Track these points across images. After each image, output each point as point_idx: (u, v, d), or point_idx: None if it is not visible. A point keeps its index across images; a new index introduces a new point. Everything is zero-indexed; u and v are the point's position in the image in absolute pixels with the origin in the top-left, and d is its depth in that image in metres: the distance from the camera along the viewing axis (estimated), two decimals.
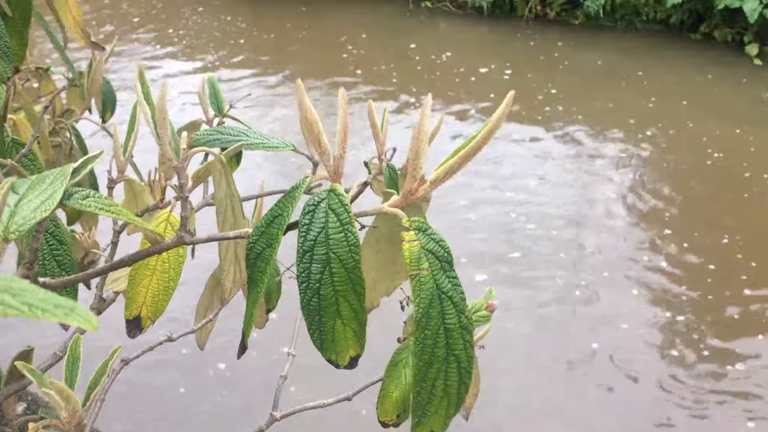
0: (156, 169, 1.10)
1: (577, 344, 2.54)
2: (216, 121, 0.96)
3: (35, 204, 0.41)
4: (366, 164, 1.02)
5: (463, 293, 0.53)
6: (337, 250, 0.50)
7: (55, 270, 0.66)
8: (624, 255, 3.04)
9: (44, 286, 0.53)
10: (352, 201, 0.53)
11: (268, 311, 0.96)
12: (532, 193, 3.51)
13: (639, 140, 4.00)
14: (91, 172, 1.10)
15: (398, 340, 0.83)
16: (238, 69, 5.12)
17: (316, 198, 0.51)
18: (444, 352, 0.52)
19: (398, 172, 0.97)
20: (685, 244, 3.08)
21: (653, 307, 2.73)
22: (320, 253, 0.50)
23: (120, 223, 0.95)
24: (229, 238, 0.53)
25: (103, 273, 0.55)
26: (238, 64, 5.22)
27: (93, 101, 1.34)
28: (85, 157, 0.49)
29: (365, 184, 0.53)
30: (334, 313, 0.51)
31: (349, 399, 0.82)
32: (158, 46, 5.59)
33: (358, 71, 5.06)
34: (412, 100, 4.60)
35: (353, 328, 0.52)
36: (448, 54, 5.28)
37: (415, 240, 0.51)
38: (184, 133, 0.51)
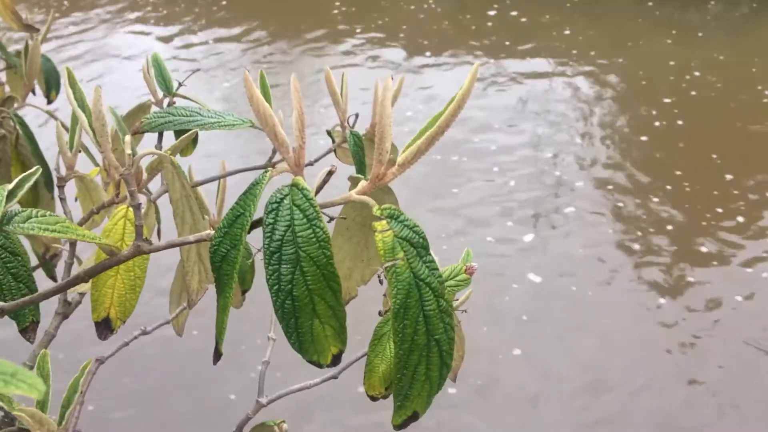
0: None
1: None
2: (166, 101, 0.91)
3: None
4: (329, 133, 0.98)
5: (440, 276, 0.51)
6: (307, 248, 0.47)
7: (12, 284, 0.62)
8: None
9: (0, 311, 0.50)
10: (317, 193, 0.50)
11: (244, 292, 0.94)
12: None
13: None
14: (48, 171, 1.04)
15: (379, 313, 0.82)
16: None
17: (278, 194, 0.48)
18: (424, 339, 0.50)
19: (363, 138, 0.94)
20: None
21: None
22: (289, 252, 0.47)
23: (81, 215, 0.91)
24: (190, 242, 0.50)
25: (60, 291, 0.52)
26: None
27: (36, 84, 1.27)
28: (21, 176, 0.45)
29: (329, 173, 0.50)
30: (310, 313, 0.48)
31: (335, 377, 0.81)
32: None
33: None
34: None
35: (332, 326, 0.49)
36: None
37: (387, 229, 0.48)
38: (128, 137, 0.47)
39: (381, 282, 0.80)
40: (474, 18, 4.88)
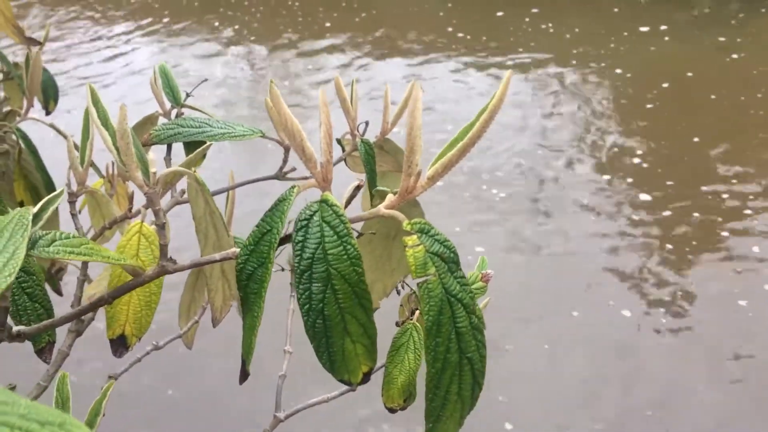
0: (113, 163, 1.03)
1: None
2: (174, 112, 0.89)
3: None
4: (339, 141, 0.97)
5: (471, 292, 0.50)
6: (338, 266, 0.46)
7: (27, 304, 0.61)
8: None
9: (18, 335, 0.48)
10: (345, 207, 0.49)
11: None
12: None
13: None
14: (51, 185, 1.02)
15: (397, 323, 0.81)
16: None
17: (307, 211, 0.46)
18: (457, 357, 0.49)
19: (373, 146, 0.93)
20: None
21: None
22: (319, 270, 0.46)
23: (86, 227, 0.89)
24: (215, 261, 0.48)
25: (83, 314, 0.50)
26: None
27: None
28: (46, 198, 0.44)
29: (357, 187, 0.49)
30: (341, 332, 0.47)
31: (353, 390, 0.80)
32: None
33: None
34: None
35: (363, 344, 0.48)
36: None
37: (418, 244, 0.47)
38: (151, 155, 0.46)
39: (399, 292, 0.79)
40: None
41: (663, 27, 4.55)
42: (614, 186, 3.07)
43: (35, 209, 0.41)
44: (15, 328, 0.46)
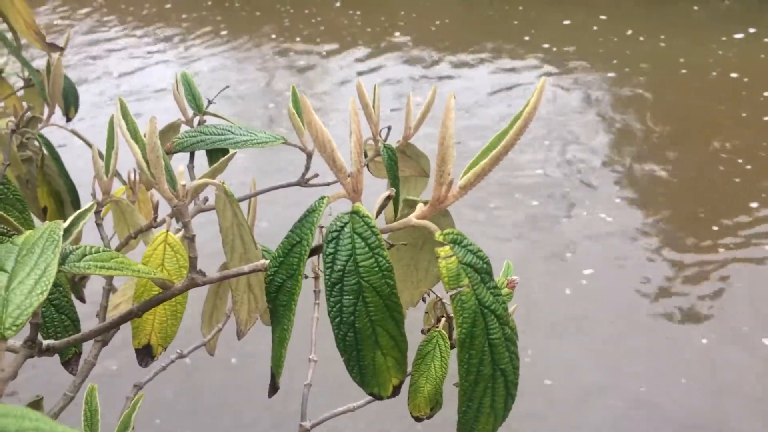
0: (135, 170, 1.03)
1: None
2: (196, 120, 0.89)
3: (29, 285, 0.36)
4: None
5: (504, 303, 0.49)
6: (369, 278, 0.45)
7: (54, 316, 0.61)
8: None
9: (48, 350, 0.48)
10: (375, 218, 0.48)
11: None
12: None
13: None
14: (74, 191, 1.03)
15: (422, 332, 0.80)
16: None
17: (338, 222, 0.46)
18: (490, 369, 0.48)
19: (396, 151, 0.92)
20: None
21: None
22: (351, 283, 0.45)
23: (109, 235, 0.89)
24: (244, 273, 0.48)
25: (112, 328, 0.50)
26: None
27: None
28: (76, 213, 0.43)
29: (388, 197, 0.48)
30: (372, 345, 0.46)
31: (380, 399, 0.79)
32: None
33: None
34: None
35: (394, 357, 0.47)
36: None
37: (451, 255, 0.46)
38: (182, 168, 0.45)
39: (424, 300, 0.78)
40: None
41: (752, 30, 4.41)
42: None
43: (66, 224, 0.41)
44: (45, 343, 0.46)
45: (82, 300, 1.19)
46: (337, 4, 5.34)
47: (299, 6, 5.51)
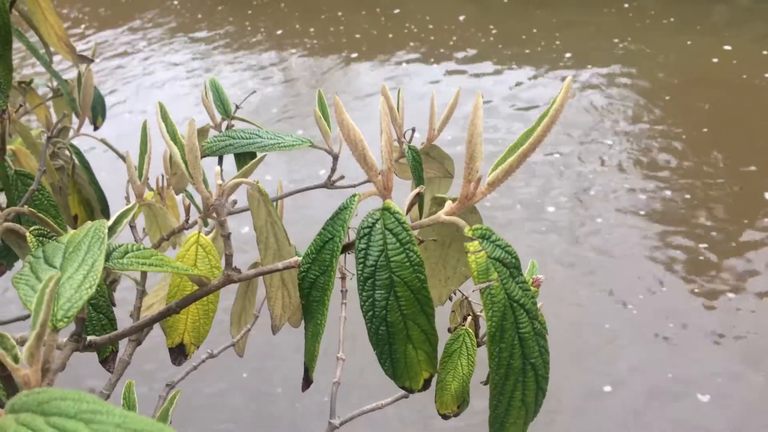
0: (163, 176, 1.05)
1: None
2: (224, 124, 0.91)
3: (77, 280, 0.37)
4: None
5: (533, 297, 0.50)
6: (401, 273, 0.46)
7: (92, 315, 0.63)
8: None
9: (90, 345, 0.50)
10: (406, 214, 0.49)
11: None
12: None
13: None
14: (104, 199, 1.05)
15: (448, 330, 0.81)
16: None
17: (369, 219, 0.47)
18: (520, 363, 0.49)
19: (420, 152, 0.93)
20: None
21: None
22: (383, 278, 0.46)
23: (140, 234, 0.91)
24: (278, 270, 0.49)
25: (152, 324, 0.52)
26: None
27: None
28: (120, 212, 0.45)
29: (418, 194, 0.49)
30: (404, 339, 0.47)
31: (407, 396, 0.80)
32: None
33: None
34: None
35: (425, 350, 0.48)
36: None
37: (480, 250, 0.47)
38: (218, 168, 0.47)
39: (450, 298, 0.79)
40: None
41: None
42: None
43: (110, 222, 0.42)
44: (88, 338, 0.48)
45: (113, 303, 1.22)
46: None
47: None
